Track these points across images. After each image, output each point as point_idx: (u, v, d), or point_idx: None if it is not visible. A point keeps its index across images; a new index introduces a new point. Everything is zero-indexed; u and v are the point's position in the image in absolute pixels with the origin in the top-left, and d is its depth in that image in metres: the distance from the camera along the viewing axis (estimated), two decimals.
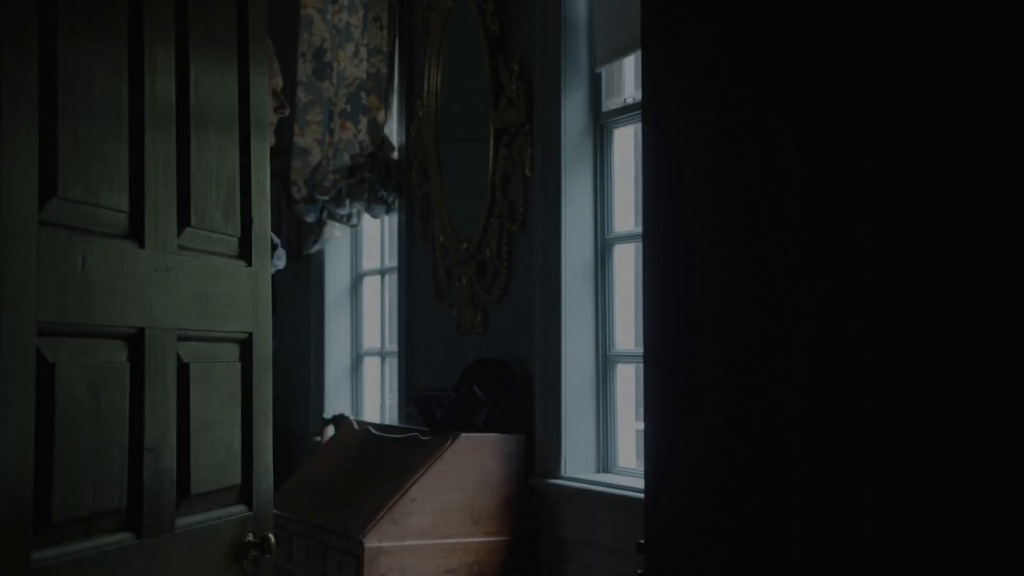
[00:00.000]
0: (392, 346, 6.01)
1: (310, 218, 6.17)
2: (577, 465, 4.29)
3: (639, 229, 3.63)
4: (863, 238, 1.82)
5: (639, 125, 3.67)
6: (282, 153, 6.46)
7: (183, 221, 2.19)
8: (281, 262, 3.27)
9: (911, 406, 1.75)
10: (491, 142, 4.76)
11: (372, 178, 5.67)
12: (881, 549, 1.79)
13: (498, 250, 4.74)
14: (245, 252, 2.43)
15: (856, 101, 1.84)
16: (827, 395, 1.88)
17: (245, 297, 2.40)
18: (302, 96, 6.13)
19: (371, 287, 6.47)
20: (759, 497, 2.00)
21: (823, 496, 1.88)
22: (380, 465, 4.55)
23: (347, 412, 6.26)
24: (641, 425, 4.11)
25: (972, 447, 1.68)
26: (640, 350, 2.66)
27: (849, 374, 1.84)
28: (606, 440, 4.32)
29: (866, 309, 1.82)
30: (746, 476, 2.03)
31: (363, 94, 5.77)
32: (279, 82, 3.21)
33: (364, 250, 6.54)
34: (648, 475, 2.23)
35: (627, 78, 4.39)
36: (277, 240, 3.24)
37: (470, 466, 4.26)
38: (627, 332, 4.35)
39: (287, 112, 3.27)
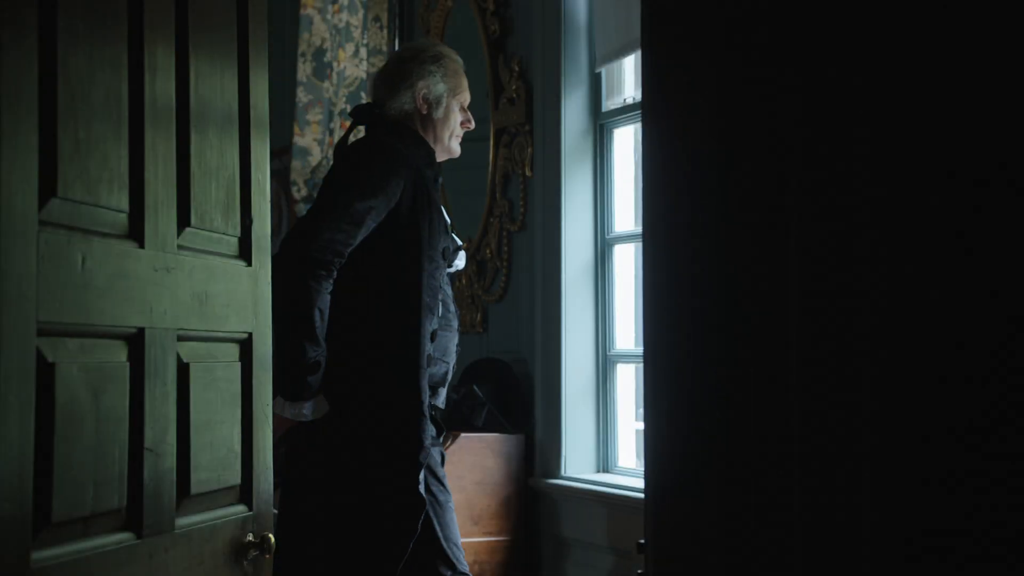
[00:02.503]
0: None
1: None
2: (577, 465, 4.29)
3: (639, 229, 3.63)
4: (864, 238, 1.82)
5: (639, 125, 3.67)
6: (282, 153, 6.47)
7: (183, 221, 2.19)
8: (461, 263, 3.31)
9: (912, 407, 1.75)
10: (491, 142, 4.76)
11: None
12: (882, 550, 1.79)
13: (498, 250, 4.74)
14: (245, 252, 2.43)
15: (856, 101, 1.85)
16: (826, 395, 1.88)
17: (245, 297, 2.40)
18: (302, 96, 6.14)
19: None
20: (759, 497, 2.00)
21: (823, 496, 1.88)
22: None
23: None
24: (641, 425, 4.11)
25: (977, 453, 1.68)
26: (640, 350, 2.66)
27: (849, 374, 1.84)
28: (606, 440, 4.32)
29: (867, 310, 1.82)
30: (746, 476, 2.03)
31: (363, 94, 5.78)
32: (466, 97, 3.30)
33: None
34: (648, 475, 2.23)
35: (627, 78, 4.39)
36: (460, 242, 3.28)
37: (470, 466, 4.26)
38: (627, 332, 4.35)
39: (472, 126, 3.36)
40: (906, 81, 1.79)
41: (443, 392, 3.22)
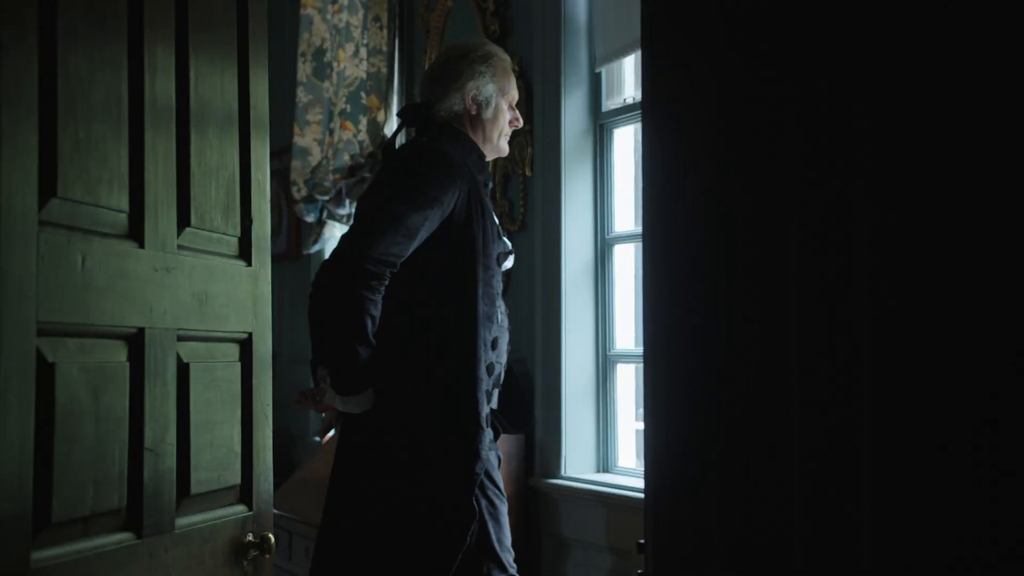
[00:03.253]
0: None
1: (310, 218, 6.17)
2: (577, 465, 4.29)
3: (639, 229, 3.63)
4: (865, 238, 1.83)
5: (639, 125, 3.67)
6: (282, 153, 6.47)
7: (183, 221, 2.19)
8: (510, 263, 3.30)
9: (913, 407, 1.76)
10: None
11: (372, 178, 5.67)
12: (882, 549, 1.79)
13: None
14: (245, 252, 2.43)
15: (856, 100, 1.85)
16: (826, 395, 1.88)
17: (245, 297, 2.40)
18: (302, 96, 6.13)
19: None
20: (759, 497, 2.00)
21: (823, 496, 1.89)
22: None
23: None
24: (641, 425, 4.11)
25: (973, 454, 1.68)
26: (640, 350, 2.66)
27: (850, 374, 1.84)
28: (606, 440, 4.32)
29: (867, 309, 1.82)
30: (746, 476, 2.03)
31: (363, 94, 5.77)
32: (515, 96, 3.30)
33: None
34: (648, 475, 2.23)
35: (627, 78, 4.39)
36: (510, 245, 3.27)
37: None
38: (627, 332, 4.35)
39: (521, 124, 3.35)
40: (907, 80, 1.79)
41: (496, 392, 3.23)
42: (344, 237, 2.99)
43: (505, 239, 3.25)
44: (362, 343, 2.91)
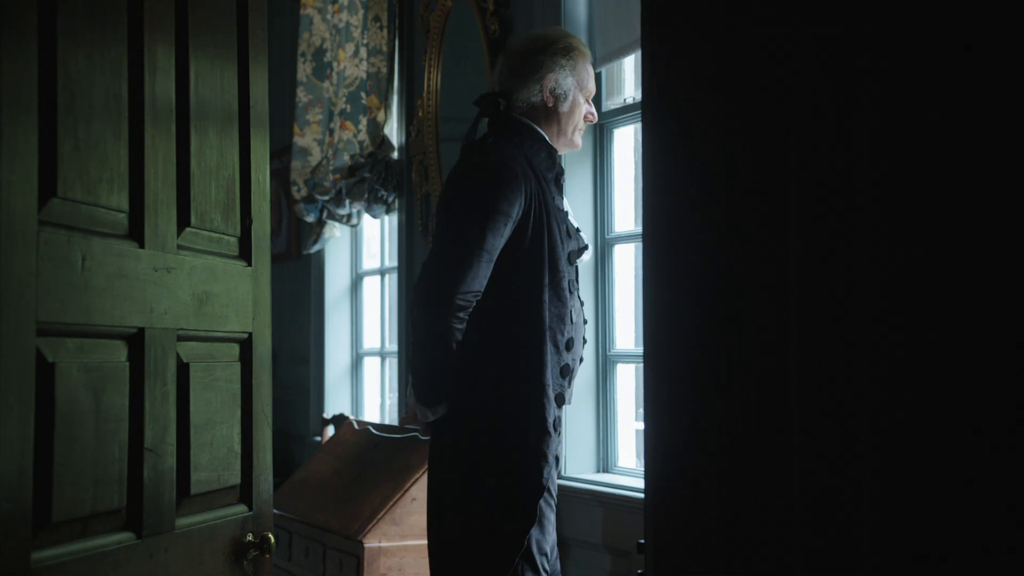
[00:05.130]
0: (392, 346, 6.00)
1: (310, 218, 6.17)
2: (577, 465, 4.29)
3: (639, 229, 3.63)
4: (867, 237, 1.83)
5: (639, 125, 3.67)
6: (282, 153, 6.47)
7: (183, 221, 2.19)
8: (586, 257, 3.32)
9: (916, 406, 1.75)
10: None
11: (372, 178, 5.67)
12: (884, 549, 1.79)
13: None
14: (245, 252, 2.43)
15: (860, 96, 1.85)
16: (828, 394, 1.88)
17: (245, 297, 2.40)
18: (302, 96, 6.13)
19: (371, 287, 6.47)
20: (759, 497, 2.00)
21: (824, 496, 1.89)
22: (380, 465, 4.55)
23: (347, 412, 6.26)
24: (641, 425, 4.11)
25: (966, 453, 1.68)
26: (640, 350, 2.67)
27: (850, 372, 1.84)
28: (606, 440, 4.32)
29: (870, 307, 1.82)
30: (746, 476, 2.03)
31: (363, 94, 5.78)
32: (592, 89, 3.31)
33: (364, 250, 6.54)
34: (648, 475, 2.23)
35: (627, 78, 4.39)
36: (585, 241, 3.28)
37: None
38: (627, 332, 4.35)
39: (595, 119, 3.35)
40: (914, 74, 1.79)
41: (571, 392, 3.25)
42: (432, 263, 3.05)
43: (580, 235, 3.25)
44: (446, 363, 3.01)
